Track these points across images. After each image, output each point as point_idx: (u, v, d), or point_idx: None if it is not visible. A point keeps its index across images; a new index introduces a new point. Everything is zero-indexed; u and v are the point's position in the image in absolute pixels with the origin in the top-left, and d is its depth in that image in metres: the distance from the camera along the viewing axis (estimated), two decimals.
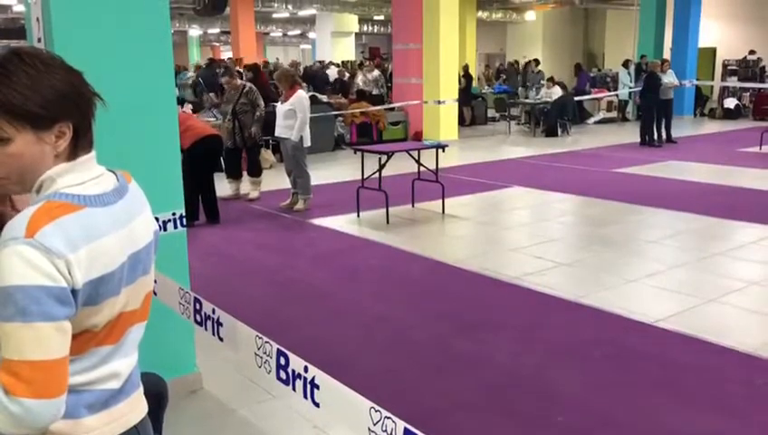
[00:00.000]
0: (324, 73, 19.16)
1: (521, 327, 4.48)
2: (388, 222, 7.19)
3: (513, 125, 15.99)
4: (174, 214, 3.35)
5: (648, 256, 5.98)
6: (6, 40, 24.67)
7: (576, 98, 15.98)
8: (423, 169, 7.69)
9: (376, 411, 1.72)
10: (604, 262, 5.83)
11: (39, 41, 2.99)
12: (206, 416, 3.40)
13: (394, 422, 1.67)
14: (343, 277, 5.59)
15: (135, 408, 1.45)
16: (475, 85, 18.73)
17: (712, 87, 19.68)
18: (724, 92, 18.58)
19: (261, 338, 2.21)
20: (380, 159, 7.32)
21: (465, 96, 16.30)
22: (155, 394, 1.88)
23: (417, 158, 7.67)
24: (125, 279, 1.35)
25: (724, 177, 9.59)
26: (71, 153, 1.30)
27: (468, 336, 4.30)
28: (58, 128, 1.27)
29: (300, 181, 7.80)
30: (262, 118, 8.26)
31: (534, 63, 20.16)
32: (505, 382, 3.70)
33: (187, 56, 33.73)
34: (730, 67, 19.86)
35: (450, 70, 13.95)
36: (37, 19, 2.99)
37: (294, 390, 2.04)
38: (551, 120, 14.71)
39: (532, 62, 20.45)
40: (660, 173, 10.04)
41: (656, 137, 13.09)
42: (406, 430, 1.64)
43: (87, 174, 1.32)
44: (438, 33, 13.50)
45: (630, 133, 14.30)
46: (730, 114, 17.56)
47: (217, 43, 38.80)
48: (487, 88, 20.80)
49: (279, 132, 7.74)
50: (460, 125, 14.97)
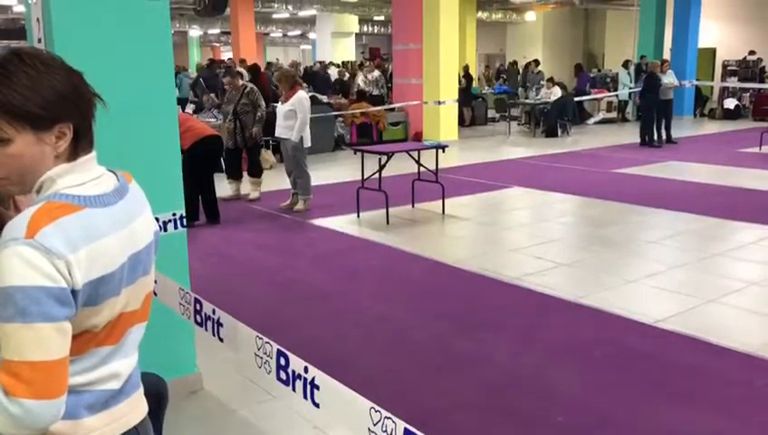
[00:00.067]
0: (326, 73, 19.14)
1: (521, 327, 4.48)
2: (388, 222, 7.20)
3: (514, 125, 15.98)
4: (174, 214, 3.35)
5: (648, 257, 5.98)
6: (7, 40, 24.68)
7: (576, 98, 15.98)
8: (423, 169, 7.69)
9: (376, 412, 1.72)
10: (604, 262, 5.84)
11: (39, 41, 2.99)
12: (207, 416, 3.41)
13: (394, 422, 1.67)
14: (343, 278, 5.59)
15: (135, 408, 1.45)
16: (475, 86, 18.73)
17: (712, 87, 19.68)
18: (724, 93, 18.59)
19: (261, 338, 2.22)
20: (380, 159, 7.32)
21: (466, 96, 16.30)
22: (155, 395, 1.88)
23: (417, 158, 7.68)
24: (125, 280, 1.35)
25: (724, 177, 9.59)
26: (71, 154, 1.31)
27: (468, 336, 4.31)
28: (58, 128, 1.27)
29: (300, 182, 7.80)
30: (263, 118, 8.26)
31: (534, 64, 20.14)
32: (505, 382, 3.70)
33: (187, 57, 33.74)
34: (730, 67, 19.87)
35: (450, 70, 13.95)
36: (37, 20, 2.99)
37: (294, 390, 2.04)
38: (551, 121, 14.71)
39: (532, 62, 20.44)
40: (660, 173, 10.04)
41: (656, 137, 13.09)
42: (406, 431, 1.64)
43: (87, 175, 1.32)
44: (438, 33, 13.50)
45: (630, 134, 14.30)
46: (730, 115, 17.56)
47: (218, 44, 38.80)
48: (487, 88, 20.80)
49: (279, 133, 7.74)
50: (460, 125, 14.98)
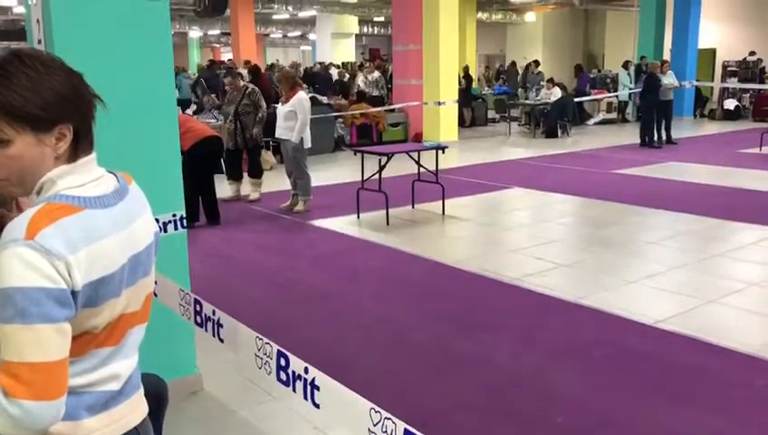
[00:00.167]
0: (328, 74, 19.13)
1: (521, 328, 4.48)
2: (388, 223, 7.20)
3: (514, 126, 15.98)
4: (174, 215, 3.35)
5: (648, 257, 5.98)
6: (7, 41, 24.71)
7: (576, 99, 15.98)
8: (423, 170, 7.69)
9: (376, 412, 1.72)
10: (604, 263, 5.84)
11: (39, 42, 2.99)
12: (207, 417, 3.41)
13: (394, 423, 1.67)
14: (343, 279, 5.59)
15: (135, 409, 1.45)
16: (475, 86, 18.73)
17: (712, 88, 19.69)
18: (724, 93, 18.59)
19: (261, 339, 2.22)
20: (380, 160, 7.32)
21: (465, 97, 16.31)
22: (155, 395, 1.88)
23: (417, 159, 7.68)
24: (125, 281, 1.35)
25: (724, 178, 9.59)
26: (71, 155, 1.31)
27: (468, 337, 4.31)
28: (58, 130, 1.27)
29: (300, 183, 7.80)
30: (263, 119, 8.26)
31: (534, 65, 20.15)
32: (505, 383, 3.70)
33: (187, 58, 33.76)
34: (730, 68, 19.87)
35: (450, 71, 13.96)
36: (37, 21, 2.99)
37: (295, 391, 2.04)
38: (551, 122, 14.71)
39: (532, 63, 20.45)
40: (660, 174, 10.04)
41: (656, 138, 13.09)
42: (406, 431, 1.64)
43: (87, 176, 1.32)
44: (438, 34, 13.50)
45: (630, 134, 14.31)
46: (730, 115, 17.56)
47: (218, 45, 38.81)
48: (487, 89, 20.81)
49: (279, 134, 7.74)
50: (460, 126, 14.97)
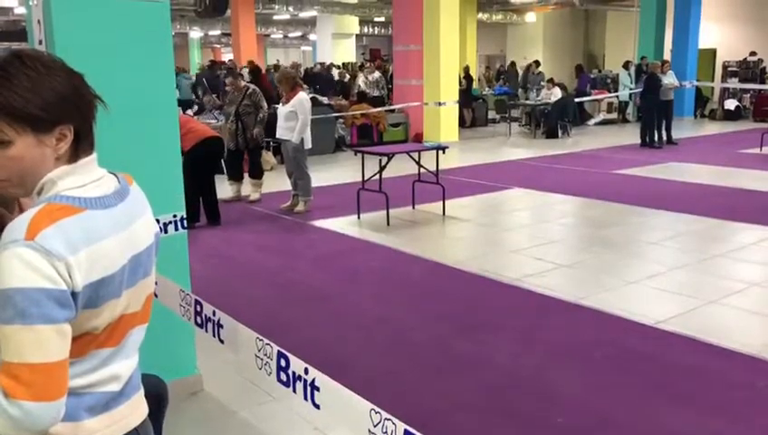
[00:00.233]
0: (329, 74, 19.12)
1: (521, 328, 4.48)
2: (388, 224, 7.20)
3: (514, 127, 15.98)
4: (175, 216, 3.35)
5: (649, 258, 5.98)
6: (7, 42, 24.73)
7: (576, 99, 15.98)
8: (423, 170, 7.69)
9: (376, 413, 1.72)
10: (604, 263, 5.84)
11: (40, 43, 2.99)
12: (207, 418, 3.41)
13: (394, 424, 1.67)
14: (344, 279, 5.59)
15: (135, 410, 1.45)
16: (475, 87, 18.73)
17: (712, 88, 19.69)
18: (725, 94, 18.60)
19: (261, 340, 2.22)
20: (381, 160, 7.32)
21: (466, 98, 16.31)
22: (155, 396, 1.88)
23: (417, 159, 7.68)
24: (126, 282, 1.35)
25: (724, 178, 9.59)
26: (71, 156, 1.31)
27: (468, 337, 4.30)
28: (59, 130, 1.27)
29: (300, 183, 7.80)
30: (264, 119, 8.26)
31: (535, 65, 20.15)
32: (505, 383, 3.70)
33: (187, 58, 33.79)
34: (730, 68, 19.86)
35: (450, 71, 13.96)
36: (38, 21, 2.99)
37: (295, 392, 2.04)
38: (551, 122, 14.71)
39: (532, 63, 20.45)
40: (661, 174, 10.04)
41: (656, 138, 13.09)
42: (406, 432, 1.64)
43: (88, 176, 1.32)
44: (439, 34, 13.50)
45: (631, 135, 14.31)
46: (730, 115, 17.56)
47: (218, 45, 38.84)
48: (488, 89, 20.81)
49: (280, 134, 7.74)
50: (460, 127, 14.97)
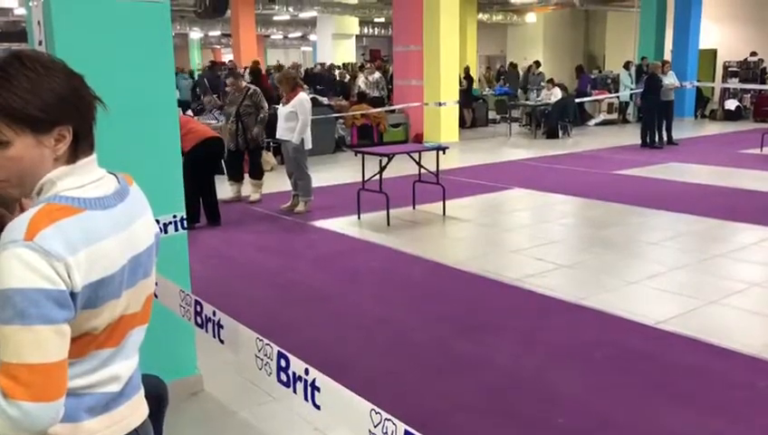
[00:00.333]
0: (331, 74, 19.10)
1: (522, 329, 4.48)
2: (388, 224, 7.19)
3: (514, 127, 15.98)
4: (175, 216, 3.35)
5: (649, 258, 5.98)
6: (7, 43, 24.76)
7: (577, 100, 15.98)
8: (424, 171, 7.69)
9: (376, 413, 1.72)
10: (605, 264, 5.83)
11: (40, 44, 2.99)
12: (207, 418, 3.41)
13: (394, 424, 1.67)
14: (344, 279, 5.59)
15: (136, 411, 1.44)
16: (475, 87, 18.73)
17: (713, 88, 19.68)
18: (725, 94, 18.58)
19: (261, 340, 2.22)
20: (381, 161, 7.32)
21: (466, 98, 16.31)
22: (155, 396, 1.88)
23: (417, 160, 7.68)
24: (125, 282, 1.34)
25: (724, 178, 9.59)
26: (70, 156, 1.31)
27: (469, 338, 4.30)
28: (58, 131, 1.27)
29: (301, 183, 7.80)
30: (265, 120, 8.27)
31: (535, 65, 20.15)
32: (506, 384, 3.70)
33: (188, 59, 33.81)
34: (731, 69, 19.85)
35: (451, 72, 13.96)
36: (38, 22, 2.99)
37: (295, 392, 2.04)
38: (551, 122, 14.71)
39: (533, 64, 20.45)
40: (661, 175, 10.03)
41: (657, 138, 13.08)
42: (406, 432, 1.64)
43: (87, 177, 1.32)
44: (439, 34, 13.50)
45: (631, 135, 14.31)
46: (731, 116, 17.56)
47: (218, 46, 38.85)
48: (488, 90, 20.80)
49: (280, 134, 7.74)
50: (461, 127, 14.98)
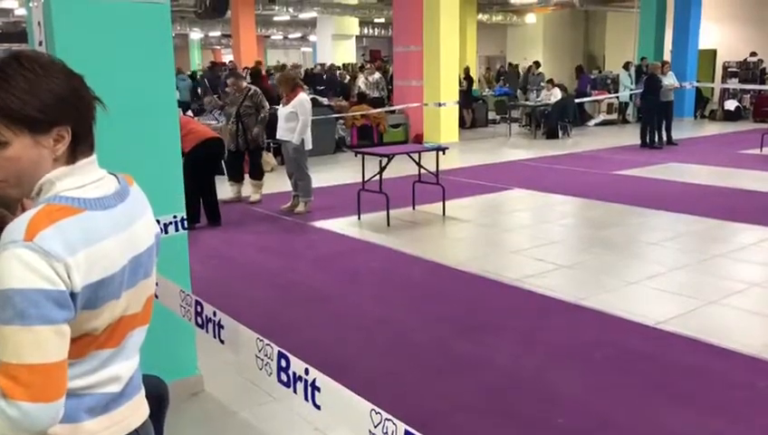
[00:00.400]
0: (333, 75, 19.07)
1: (521, 329, 4.48)
2: (388, 224, 7.20)
3: (514, 127, 15.99)
4: (175, 217, 3.35)
5: (649, 258, 5.98)
6: (8, 43, 24.77)
7: (577, 100, 15.98)
8: (424, 171, 7.69)
9: (377, 414, 1.72)
10: (605, 264, 5.83)
11: (40, 44, 2.99)
12: (207, 418, 3.41)
13: (395, 425, 1.67)
14: (344, 280, 5.59)
15: (136, 411, 1.44)
16: (475, 88, 18.73)
17: (712, 89, 19.68)
18: (725, 94, 18.59)
19: (262, 340, 2.22)
20: (381, 161, 7.32)
21: (466, 98, 16.31)
22: (155, 396, 1.87)
23: (417, 160, 7.68)
24: (126, 283, 1.34)
25: (724, 178, 9.59)
26: (70, 157, 1.30)
27: (469, 338, 4.30)
28: (56, 132, 1.27)
29: (301, 184, 7.80)
30: (265, 120, 8.27)
31: (535, 66, 20.16)
32: (506, 384, 3.70)
33: (188, 59, 33.82)
34: (730, 69, 19.85)
35: (451, 72, 13.96)
36: (39, 23, 3.00)
37: (295, 392, 2.04)
38: (551, 123, 14.71)
39: (533, 64, 20.45)
40: (661, 175, 10.03)
41: (656, 139, 13.08)
42: (406, 432, 1.64)
43: (87, 177, 1.32)
44: (439, 35, 13.50)
45: (631, 135, 14.31)
46: (730, 116, 17.56)
47: (218, 47, 38.87)
48: (488, 90, 20.81)
49: (280, 135, 7.74)
50: (461, 127, 14.98)
